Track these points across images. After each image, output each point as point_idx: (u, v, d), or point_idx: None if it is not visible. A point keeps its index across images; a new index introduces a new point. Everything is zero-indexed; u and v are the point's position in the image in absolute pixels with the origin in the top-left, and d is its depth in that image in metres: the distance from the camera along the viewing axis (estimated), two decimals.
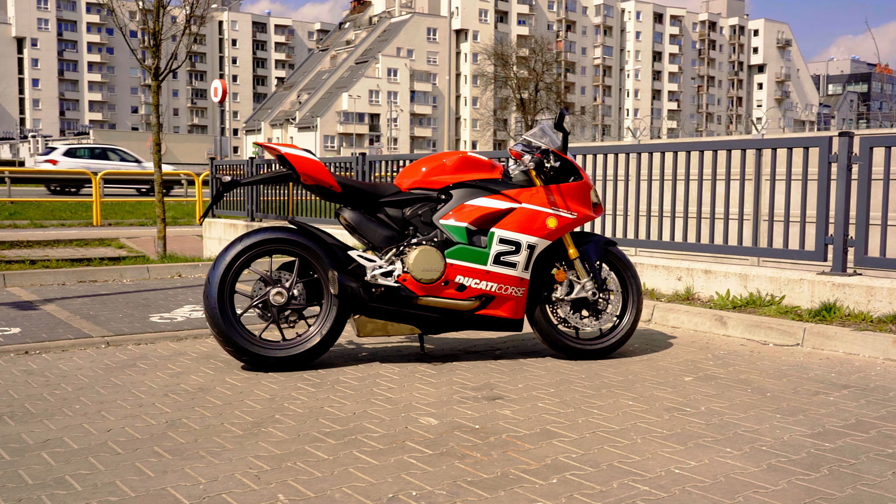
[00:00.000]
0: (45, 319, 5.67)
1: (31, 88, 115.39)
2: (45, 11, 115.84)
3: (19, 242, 12.83)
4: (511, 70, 75.22)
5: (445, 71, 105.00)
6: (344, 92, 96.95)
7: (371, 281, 4.52)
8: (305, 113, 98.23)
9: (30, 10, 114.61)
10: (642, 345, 5.29)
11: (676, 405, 3.90)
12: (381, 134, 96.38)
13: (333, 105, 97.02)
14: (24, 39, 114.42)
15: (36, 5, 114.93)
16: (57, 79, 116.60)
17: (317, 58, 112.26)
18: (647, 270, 6.72)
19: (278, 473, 2.95)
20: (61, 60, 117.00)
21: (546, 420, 3.64)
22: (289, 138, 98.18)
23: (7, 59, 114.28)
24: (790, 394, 4.12)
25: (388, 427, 3.52)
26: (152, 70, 10.61)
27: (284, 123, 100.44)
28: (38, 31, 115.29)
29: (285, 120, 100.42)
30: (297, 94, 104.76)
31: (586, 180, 4.83)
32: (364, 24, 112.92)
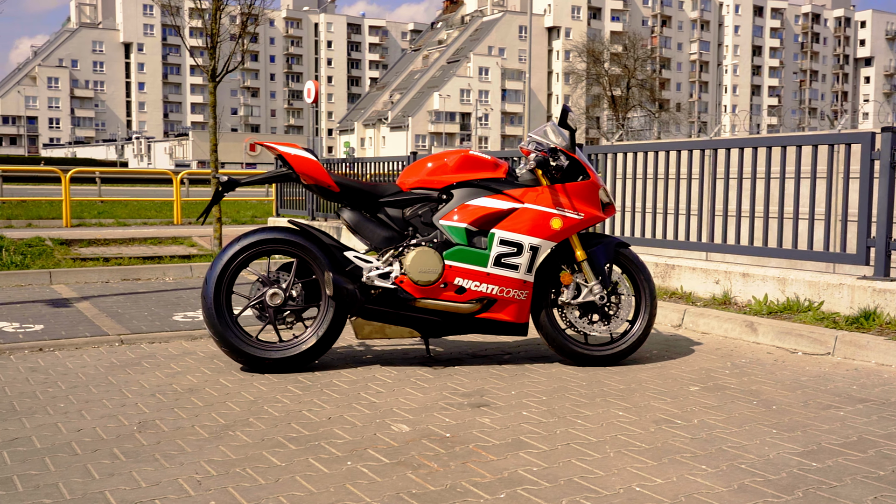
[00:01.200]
0: (72, 317, 5.80)
1: (137, 92, 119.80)
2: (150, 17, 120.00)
3: (97, 240, 13.22)
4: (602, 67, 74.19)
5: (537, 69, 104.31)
6: (435, 91, 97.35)
7: (368, 282, 4.44)
8: (397, 113, 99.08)
9: (136, 17, 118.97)
10: (662, 351, 5.07)
11: (669, 417, 3.70)
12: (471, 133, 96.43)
13: (425, 104, 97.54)
14: (131, 45, 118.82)
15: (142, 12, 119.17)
16: (161, 82, 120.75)
17: (409, 58, 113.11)
18: (684, 273, 6.46)
19: (223, 479, 2.90)
20: (165, 64, 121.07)
21: (523, 430, 3.50)
22: (381, 138, 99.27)
23: (115, 64, 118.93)
24: (798, 407, 3.86)
25: (357, 433, 3.44)
26: (209, 71, 10.76)
27: (377, 123, 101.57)
28: (144, 37, 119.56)
29: (378, 120, 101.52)
30: (389, 94, 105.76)
31: (594, 179, 4.65)
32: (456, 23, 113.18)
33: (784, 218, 5.91)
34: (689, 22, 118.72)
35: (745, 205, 6.18)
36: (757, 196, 6.12)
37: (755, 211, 6.09)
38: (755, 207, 6.09)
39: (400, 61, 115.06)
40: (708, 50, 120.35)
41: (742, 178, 6.15)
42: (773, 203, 6.08)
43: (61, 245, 11.76)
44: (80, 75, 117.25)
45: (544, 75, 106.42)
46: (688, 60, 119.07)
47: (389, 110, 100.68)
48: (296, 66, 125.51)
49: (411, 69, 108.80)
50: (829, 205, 5.57)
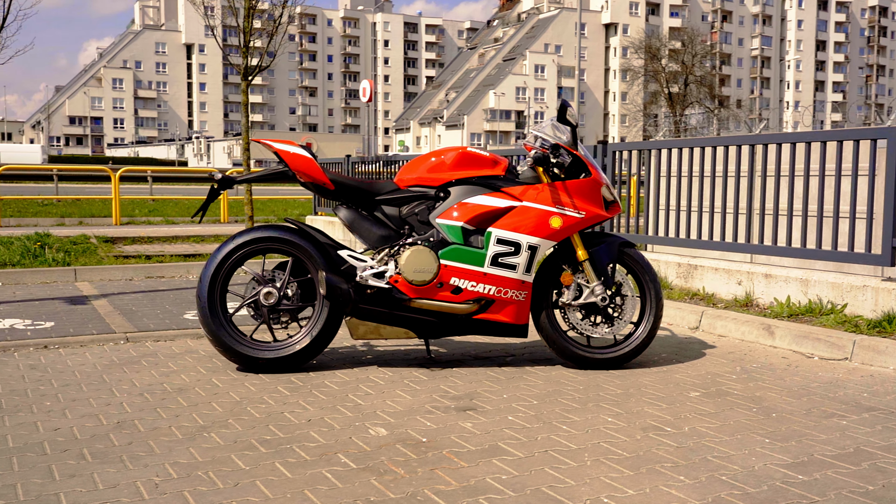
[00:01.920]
0: (85, 314, 5.84)
1: (199, 92, 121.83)
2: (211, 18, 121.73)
3: (141, 238, 13.41)
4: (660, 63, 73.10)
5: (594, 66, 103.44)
6: (491, 90, 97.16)
7: (362, 282, 4.37)
8: (453, 111, 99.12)
9: (198, 18, 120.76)
10: (671, 354, 4.90)
11: (659, 424, 3.55)
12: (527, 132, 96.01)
13: (480, 103, 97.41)
14: (193, 46, 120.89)
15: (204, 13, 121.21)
16: (222, 82, 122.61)
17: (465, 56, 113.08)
18: (706, 273, 6.25)
19: (181, 483, 2.85)
20: (225, 65, 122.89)
21: (503, 436, 3.39)
22: (436, 136, 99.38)
23: (177, 65, 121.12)
24: (799, 415, 3.68)
25: (332, 437, 3.37)
26: (242, 70, 10.81)
27: (432, 122, 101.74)
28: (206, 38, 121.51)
29: (433, 118, 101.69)
30: (445, 93, 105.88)
31: (595, 176, 4.50)
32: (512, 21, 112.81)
33: (808, 216, 5.68)
34: (750, 17, 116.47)
35: (769, 204, 5.96)
36: (767, 194, 5.90)
37: (763, 208, 5.87)
38: (761, 205, 5.87)
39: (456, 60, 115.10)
40: (770, 45, 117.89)
41: (766, 176, 5.93)
42: (796, 201, 5.86)
43: (106, 243, 11.95)
44: (143, 76, 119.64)
45: (601, 72, 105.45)
46: (749, 56, 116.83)
47: (445, 109, 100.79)
48: (353, 65, 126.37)
49: (467, 67, 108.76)
50: (854, 203, 5.33)
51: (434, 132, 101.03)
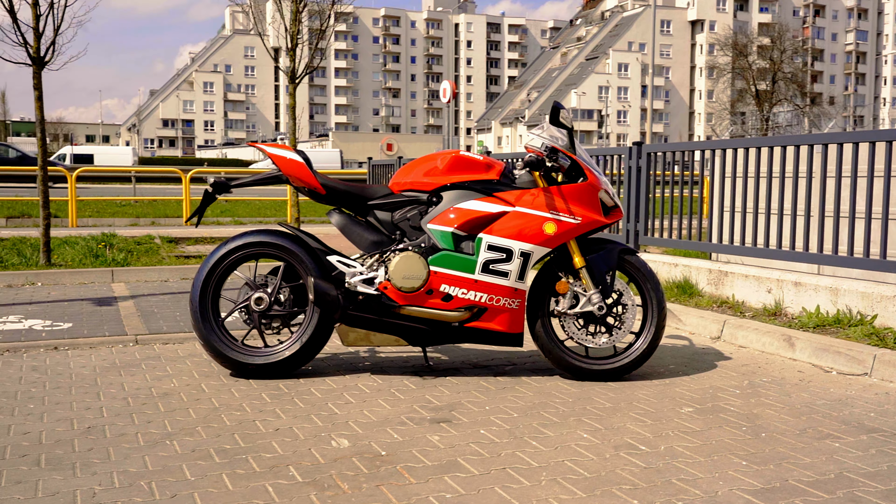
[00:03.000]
0: (105, 315, 5.93)
1: (284, 94, 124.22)
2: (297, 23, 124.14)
3: (205, 239, 13.67)
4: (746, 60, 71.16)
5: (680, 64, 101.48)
6: (573, 89, 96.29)
7: (351, 288, 4.31)
8: (534, 111, 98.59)
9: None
10: (681, 365, 4.69)
11: (636, 442, 3.38)
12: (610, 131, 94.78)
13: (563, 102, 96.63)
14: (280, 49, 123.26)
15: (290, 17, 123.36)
16: (307, 85, 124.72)
17: (547, 56, 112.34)
18: (737, 281, 5.99)
19: (120, 493, 2.82)
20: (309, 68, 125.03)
21: (467, 451, 3.27)
22: (518, 137, 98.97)
23: (265, 68, 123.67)
24: (791, 436, 3.45)
25: (292, 448, 3.30)
26: (289, 73, 10.90)
27: (514, 122, 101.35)
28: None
29: (515, 118, 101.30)
30: (526, 93, 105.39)
31: (592, 180, 4.33)
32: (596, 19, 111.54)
33: (840, 217, 5.38)
34: (844, 11, 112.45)
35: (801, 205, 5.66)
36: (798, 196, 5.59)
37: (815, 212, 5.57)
38: (790, 207, 5.57)
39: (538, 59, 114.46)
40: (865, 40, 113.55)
41: (798, 178, 5.64)
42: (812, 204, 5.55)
43: (169, 243, 12.20)
44: (233, 80, 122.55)
45: (686, 70, 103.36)
46: (843, 51, 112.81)
47: (526, 108, 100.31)
48: (436, 66, 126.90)
49: (549, 67, 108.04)
50: (887, 207, 5.01)
51: (515, 132, 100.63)
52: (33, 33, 8.71)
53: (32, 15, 8.74)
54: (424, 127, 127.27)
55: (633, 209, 7.21)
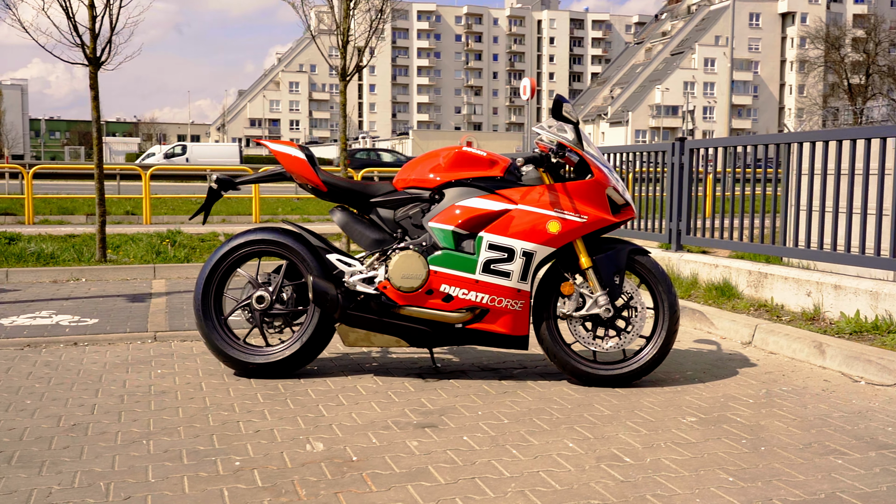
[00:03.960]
0: (133, 312, 5.99)
1: (368, 93, 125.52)
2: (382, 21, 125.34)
3: None
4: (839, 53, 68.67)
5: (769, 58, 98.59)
6: (657, 85, 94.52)
7: (350, 287, 4.22)
8: (617, 108, 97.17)
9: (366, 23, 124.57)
10: (700, 371, 4.47)
11: (622, 453, 3.20)
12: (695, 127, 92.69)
13: (646, 99, 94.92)
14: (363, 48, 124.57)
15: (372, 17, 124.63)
16: (390, 83, 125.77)
17: (631, 51, 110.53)
18: (776, 283, 5.69)
19: (75, 493, 2.78)
20: (394, 66, 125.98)
21: (441, 458, 3.15)
22: (600, 134, 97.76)
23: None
24: (793, 450, 3.23)
25: (265, 450, 3.23)
26: (340, 71, 10.90)
27: (596, 119, 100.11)
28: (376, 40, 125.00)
29: (597, 115, 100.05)
30: (609, 89, 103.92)
31: (599, 177, 4.14)
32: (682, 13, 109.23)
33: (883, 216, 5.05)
34: None
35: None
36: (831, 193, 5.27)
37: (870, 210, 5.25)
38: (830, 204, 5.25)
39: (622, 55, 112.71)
40: None
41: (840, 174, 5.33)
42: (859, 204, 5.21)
43: None
44: (317, 79, 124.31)
45: (776, 64, 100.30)
46: None
47: (609, 105, 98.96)
48: (518, 63, 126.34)
49: (633, 63, 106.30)
50: None
51: (598, 129, 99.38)
52: (90, 34, 8.90)
53: (89, 16, 8.93)
54: (506, 125, 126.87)
55: (675, 207, 6.94)
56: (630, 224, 7.76)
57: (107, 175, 22.53)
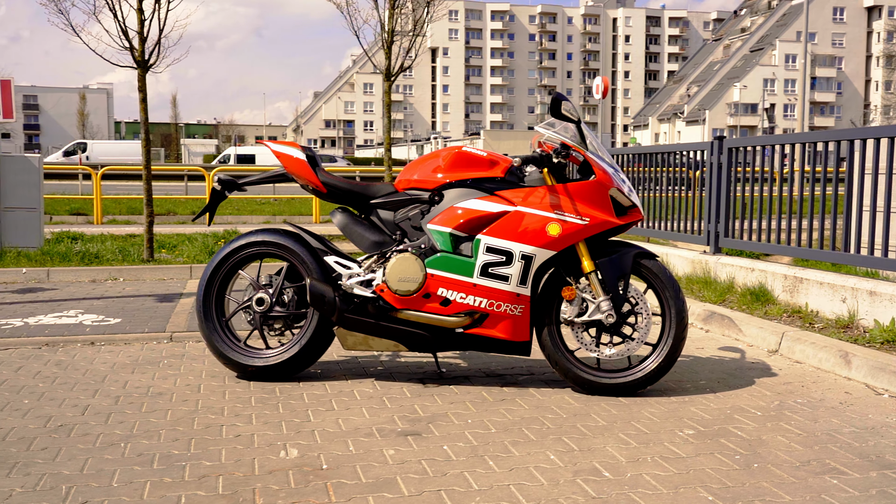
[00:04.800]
0: (157, 312, 6.03)
1: (442, 94, 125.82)
2: (455, 22, 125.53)
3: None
4: None
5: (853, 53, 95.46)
6: (735, 82, 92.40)
7: (348, 290, 4.15)
8: (694, 106, 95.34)
9: (443, 23, 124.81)
10: (715, 381, 4.26)
11: (603, 467, 3.05)
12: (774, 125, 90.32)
13: (724, 96, 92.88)
14: (437, 49, 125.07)
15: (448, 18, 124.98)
16: (463, 84, 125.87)
17: (709, 48, 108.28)
18: (811, 288, 5.42)
19: (35, 495, 2.76)
20: (467, 67, 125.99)
21: (413, 469, 3.05)
22: (676, 133, 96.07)
23: (423, 69, 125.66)
24: (788, 468, 3.03)
25: (237, 457, 3.18)
26: (384, 71, 10.87)
27: (672, 117, 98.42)
28: (450, 41, 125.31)
29: (673, 114, 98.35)
30: (686, 87, 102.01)
31: (601, 178, 3.98)
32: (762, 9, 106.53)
33: None
34: None
35: None
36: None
37: None
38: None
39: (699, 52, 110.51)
40: None
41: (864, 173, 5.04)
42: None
43: None
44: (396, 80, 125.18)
45: (861, 60, 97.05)
46: None
47: (686, 104, 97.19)
48: (592, 62, 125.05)
49: (711, 60, 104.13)
50: None
51: (674, 128, 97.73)
52: (138, 38, 9.05)
53: (137, 20, 9.08)
54: None
55: (713, 209, 6.69)
56: (666, 225, 7.52)
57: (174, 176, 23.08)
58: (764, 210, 6.54)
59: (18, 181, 9.27)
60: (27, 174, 9.36)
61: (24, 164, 9.40)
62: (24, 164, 9.38)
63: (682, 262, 7.04)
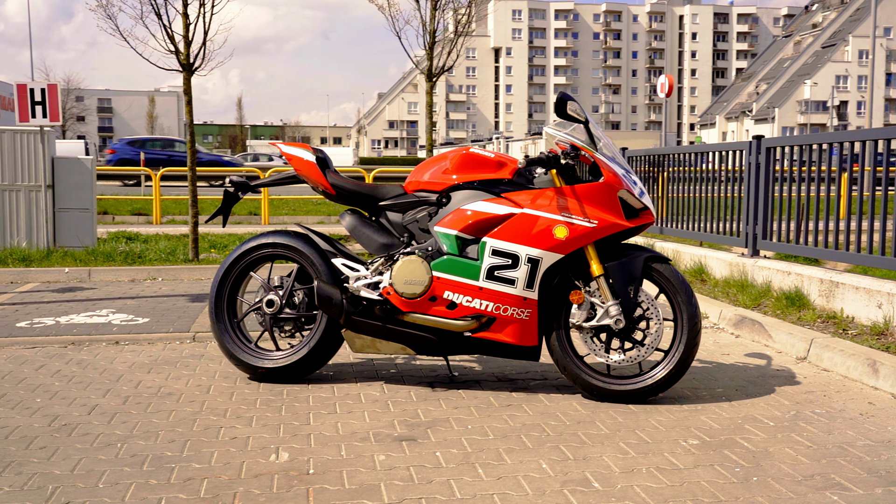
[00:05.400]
0: (187, 312, 6.08)
1: (505, 94, 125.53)
2: (518, 22, 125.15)
3: None
4: None
5: None
6: (806, 79, 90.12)
7: (354, 292, 4.12)
8: (763, 104, 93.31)
9: (506, 23, 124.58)
10: (733, 389, 4.12)
11: (594, 478, 2.96)
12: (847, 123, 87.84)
13: (794, 94, 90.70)
14: (500, 49, 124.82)
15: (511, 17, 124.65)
16: (527, 83, 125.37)
17: (779, 45, 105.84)
18: (847, 293, 5.21)
19: (20, 495, 2.78)
20: (531, 66, 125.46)
21: (399, 476, 3.00)
22: (744, 131, 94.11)
23: (486, 69, 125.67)
24: (789, 482, 2.90)
25: (227, 459, 3.17)
26: (426, 71, 10.83)
27: (740, 116, 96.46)
28: (512, 41, 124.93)
29: (741, 112, 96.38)
30: (755, 85, 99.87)
31: (609, 179, 3.87)
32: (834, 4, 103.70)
33: None
34: None
35: None
36: None
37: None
38: None
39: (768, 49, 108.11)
40: None
41: None
42: None
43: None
44: (455, 81, 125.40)
45: None
46: None
47: (754, 102, 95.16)
48: (658, 60, 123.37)
49: (781, 57, 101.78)
50: None
51: (742, 127, 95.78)
52: (184, 41, 9.18)
53: (182, 24, 9.21)
54: (645, 123, 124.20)
55: (751, 210, 6.50)
56: (704, 226, 7.33)
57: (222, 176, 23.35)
58: (813, 212, 6.31)
59: (72, 182, 9.49)
60: (80, 176, 9.58)
61: (78, 165, 9.62)
62: (77, 166, 9.61)
63: (720, 264, 6.85)
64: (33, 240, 8.99)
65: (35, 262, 8.11)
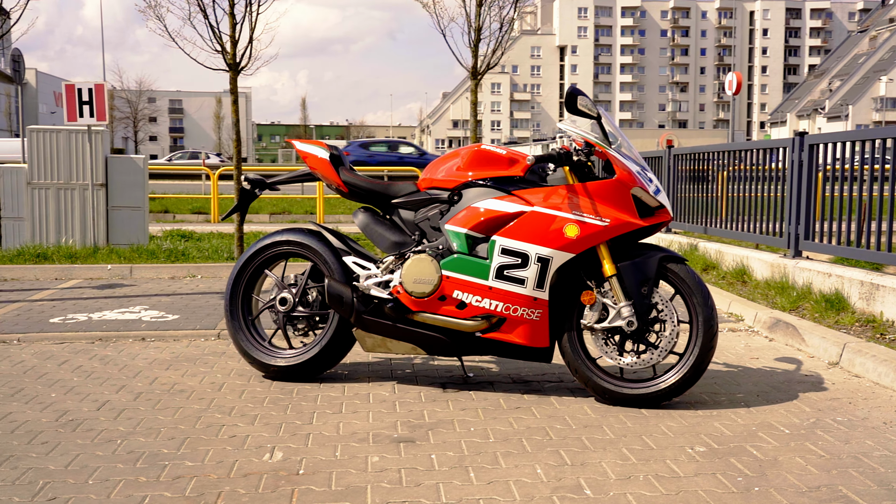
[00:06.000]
0: (217, 309, 6.08)
1: None
2: (584, 20, 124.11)
3: None
4: None
5: None
6: (882, 75, 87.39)
7: (365, 291, 4.08)
8: (836, 101, 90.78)
9: (571, 20, 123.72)
10: (753, 394, 3.97)
11: (588, 485, 2.86)
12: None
13: (869, 91, 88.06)
14: (566, 48, 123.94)
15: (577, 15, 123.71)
16: (592, 82, 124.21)
17: (853, 40, 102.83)
18: (888, 295, 4.99)
19: (10, 490, 2.81)
20: (596, 65, 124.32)
21: (388, 478, 2.94)
22: (816, 129, 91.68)
23: (550, 67, 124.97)
24: (791, 494, 2.76)
25: (220, 458, 3.15)
26: (471, 70, 10.75)
27: (812, 113, 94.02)
28: (578, 39, 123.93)
29: (813, 110, 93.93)
30: (828, 82, 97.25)
31: (621, 176, 3.75)
32: None
33: None
34: None
35: None
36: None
37: None
38: None
39: (843, 45, 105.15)
40: None
41: None
42: None
43: None
44: (518, 80, 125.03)
45: None
46: None
47: (827, 99, 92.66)
48: (727, 57, 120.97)
49: (855, 53, 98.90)
50: None
51: (814, 125, 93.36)
52: (230, 41, 9.28)
53: (229, 24, 9.31)
54: (713, 121, 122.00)
55: (793, 209, 6.27)
56: (745, 226, 7.11)
57: None
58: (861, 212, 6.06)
59: (125, 181, 9.68)
60: (133, 174, 9.76)
61: (130, 164, 9.80)
62: (129, 165, 9.79)
63: (762, 265, 6.64)
64: (87, 237, 9.19)
65: (80, 258, 8.28)
